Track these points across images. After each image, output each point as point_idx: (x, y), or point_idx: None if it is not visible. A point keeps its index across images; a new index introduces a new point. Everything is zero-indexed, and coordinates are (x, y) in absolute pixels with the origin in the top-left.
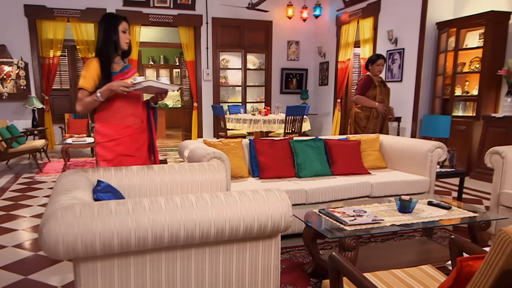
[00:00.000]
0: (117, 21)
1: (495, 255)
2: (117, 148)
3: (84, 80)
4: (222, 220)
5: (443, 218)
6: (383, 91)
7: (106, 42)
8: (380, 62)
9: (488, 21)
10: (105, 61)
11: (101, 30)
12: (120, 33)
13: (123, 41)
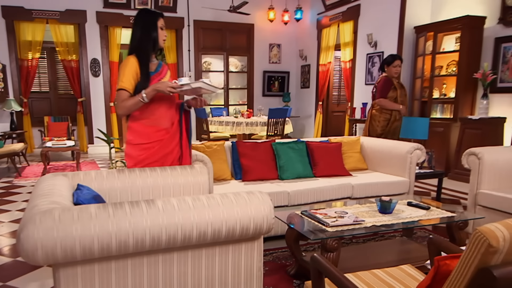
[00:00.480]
0: (156, 17)
1: (470, 254)
2: (146, 152)
3: (123, 80)
4: (204, 223)
5: (422, 218)
6: (402, 92)
7: (145, 39)
8: (397, 63)
9: (464, 25)
10: (144, 59)
11: (139, 27)
12: (158, 29)
13: (161, 38)
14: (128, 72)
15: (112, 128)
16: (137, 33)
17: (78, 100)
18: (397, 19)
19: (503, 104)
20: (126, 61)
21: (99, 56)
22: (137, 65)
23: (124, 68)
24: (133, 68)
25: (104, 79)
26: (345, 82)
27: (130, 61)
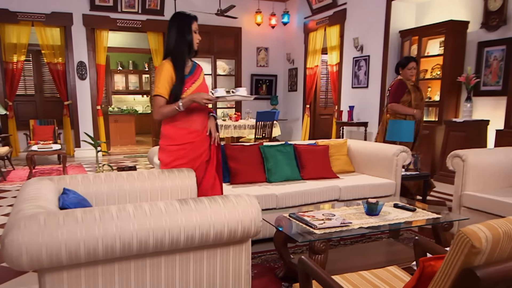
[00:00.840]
0: (190, 20)
1: (454, 254)
2: (177, 153)
3: (159, 86)
4: (192, 227)
5: (408, 220)
6: (418, 96)
7: (180, 42)
8: (412, 65)
9: (447, 29)
10: (179, 63)
11: (174, 30)
12: (193, 32)
13: (195, 41)
14: (163, 78)
15: (99, 131)
16: (172, 37)
17: (65, 103)
18: (382, 23)
19: (486, 107)
20: (162, 66)
21: (85, 59)
22: (172, 70)
23: (160, 74)
24: (168, 73)
25: (91, 82)
26: (332, 85)
27: (165, 67)
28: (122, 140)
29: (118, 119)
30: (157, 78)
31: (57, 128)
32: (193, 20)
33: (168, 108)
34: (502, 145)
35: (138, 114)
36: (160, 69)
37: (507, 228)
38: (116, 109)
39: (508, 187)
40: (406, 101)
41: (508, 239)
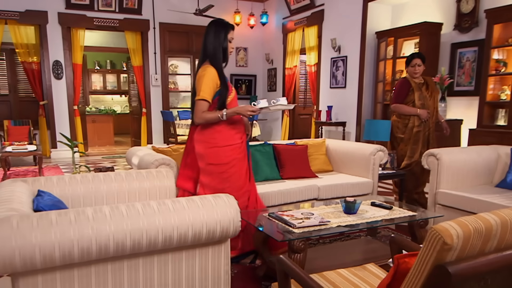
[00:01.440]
0: (228, 29)
1: (427, 251)
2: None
3: (205, 91)
4: (170, 228)
5: (385, 218)
6: (423, 95)
7: (218, 49)
8: (415, 62)
9: (422, 31)
10: (220, 69)
11: (212, 35)
12: (228, 41)
13: (230, 51)
14: (209, 82)
15: (76, 132)
16: (210, 42)
17: (40, 103)
18: (359, 24)
19: (460, 107)
20: (206, 71)
21: (61, 58)
22: (217, 75)
23: (206, 78)
24: (214, 79)
25: (67, 81)
26: (311, 85)
27: (212, 72)
28: (100, 140)
29: (95, 119)
30: (202, 82)
31: (32, 128)
32: (230, 29)
33: (211, 115)
34: (475, 143)
35: (116, 114)
36: (206, 74)
37: (477, 225)
38: (93, 109)
39: (481, 184)
40: (410, 101)
41: (478, 236)
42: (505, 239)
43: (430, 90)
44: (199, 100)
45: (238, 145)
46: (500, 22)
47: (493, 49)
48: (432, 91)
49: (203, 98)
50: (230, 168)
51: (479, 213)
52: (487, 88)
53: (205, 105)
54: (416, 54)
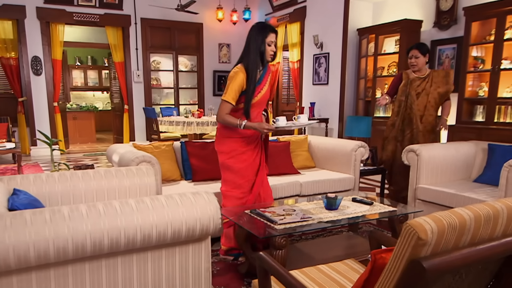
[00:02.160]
0: (266, 32)
1: (402, 247)
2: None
3: (230, 93)
4: (149, 226)
5: (365, 213)
6: (409, 90)
7: (254, 52)
8: (411, 54)
9: (402, 28)
10: (251, 72)
11: (251, 38)
12: (266, 45)
13: (268, 54)
14: (235, 86)
15: (57, 129)
16: (247, 44)
17: (19, 99)
18: (341, 21)
19: None
20: (235, 74)
21: (40, 54)
22: (244, 80)
23: (233, 83)
24: (240, 83)
25: (47, 77)
26: (294, 82)
27: (239, 76)
28: (81, 137)
29: (77, 116)
30: (229, 84)
31: (11, 126)
32: (269, 32)
33: (231, 120)
34: (454, 139)
35: (98, 111)
36: (234, 77)
37: (451, 220)
38: (74, 106)
39: (460, 179)
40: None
41: (452, 231)
42: (478, 233)
43: (432, 86)
44: (224, 101)
45: (243, 139)
46: (478, 19)
47: (471, 47)
48: (437, 87)
49: (227, 100)
50: (230, 158)
51: (454, 209)
52: (466, 85)
53: (228, 107)
54: (414, 45)
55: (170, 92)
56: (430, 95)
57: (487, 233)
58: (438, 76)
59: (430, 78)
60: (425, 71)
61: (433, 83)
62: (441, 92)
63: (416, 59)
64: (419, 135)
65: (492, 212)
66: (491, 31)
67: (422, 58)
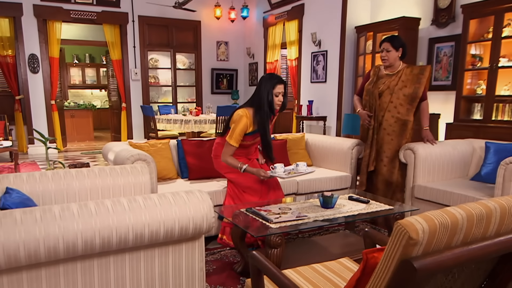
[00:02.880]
0: (274, 83)
1: (393, 246)
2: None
3: (234, 138)
4: (141, 225)
5: (361, 211)
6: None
7: (263, 101)
8: (383, 47)
9: (400, 26)
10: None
11: (260, 87)
12: (274, 95)
13: (276, 103)
14: (239, 130)
15: (54, 127)
16: (257, 91)
17: (16, 97)
18: (339, 19)
19: (437, 101)
20: (241, 119)
21: (37, 52)
22: (247, 124)
23: (239, 128)
24: (243, 128)
25: (44, 75)
26: (292, 80)
27: (243, 121)
28: (79, 136)
29: (74, 114)
30: (235, 127)
31: (8, 124)
32: (277, 83)
33: (233, 162)
34: (452, 137)
35: (95, 109)
36: (238, 121)
37: (443, 219)
38: (72, 104)
39: (457, 178)
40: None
41: (444, 230)
42: (471, 233)
43: (398, 84)
44: (229, 144)
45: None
46: (476, 17)
47: (469, 44)
48: (403, 86)
49: (232, 144)
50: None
51: (446, 208)
52: (464, 82)
53: (232, 150)
54: (387, 37)
55: (168, 90)
56: (394, 95)
57: (480, 232)
58: (410, 74)
59: (399, 76)
60: (397, 68)
61: (400, 81)
62: (407, 93)
63: (387, 53)
64: (383, 140)
65: (485, 211)
66: (489, 29)
67: (394, 52)
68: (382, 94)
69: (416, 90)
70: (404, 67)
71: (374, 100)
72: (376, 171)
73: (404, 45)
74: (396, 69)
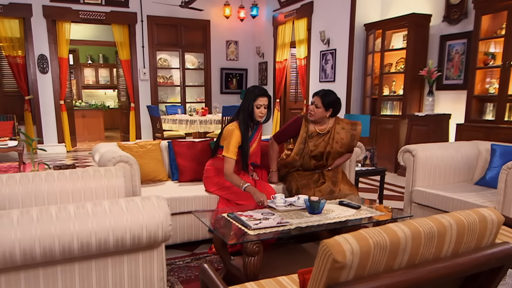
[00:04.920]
0: (255, 96)
1: (319, 269)
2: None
3: (231, 151)
4: (87, 233)
5: (350, 218)
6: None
7: (244, 112)
8: (312, 100)
9: (410, 23)
10: (244, 128)
11: (244, 100)
12: (255, 107)
13: (256, 115)
14: (234, 142)
15: (63, 126)
16: (242, 105)
17: (25, 98)
18: (348, 16)
19: (448, 101)
20: (232, 132)
21: (46, 52)
22: (239, 136)
23: (233, 140)
24: (237, 139)
25: (53, 76)
26: (301, 79)
27: (235, 134)
28: (90, 136)
29: (85, 114)
30: (229, 141)
31: (17, 124)
32: (259, 96)
33: (235, 180)
34: (462, 139)
35: (106, 109)
36: (231, 134)
37: (380, 238)
38: (83, 104)
39: (461, 182)
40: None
41: (381, 251)
42: (419, 253)
43: (336, 145)
44: (227, 158)
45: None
46: (488, 13)
47: (481, 41)
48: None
49: (230, 157)
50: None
51: (387, 224)
52: (475, 81)
53: (232, 163)
54: (320, 91)
55: (177, 89)
56: (330, 156)
57: (430, 252)
58: (342, 131)
59: (331, 136)
60: (325, 124)
61: (335, 142)
62: (342, 153)
63: (316, 109)
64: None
65: (437, 229)
66: (502, 25)
67: (323, 110)
68: (316, 156)
69: (350, 149)
70: (334, 123)
71: (309, 160)
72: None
73: (336, 104)
74: (325, 126)
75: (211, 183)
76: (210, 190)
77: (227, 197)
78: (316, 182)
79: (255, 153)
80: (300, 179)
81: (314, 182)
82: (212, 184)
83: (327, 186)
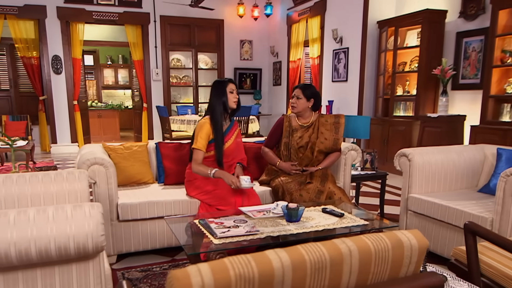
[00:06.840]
0: (224, 84)
1: None
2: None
3: (199, 141)
4: (6, 244)
5: (328, 227)
6: (291, 142)
7: (216, 104)
8: (294, 93)
9: (424, 19)
10: (216, 122)
11: (212, 93)
12: (228, 94)
13: (231, 101)
14: (203, 135)
15: (76, 126)
16: (211, 99)
17: (40, 98)
18: (360, 13)
19: (464, 101)
20: (202, 125)
21: (60, 53)
22: (210, 130)
23: (200, 131)
24: (207, 131)
25: (67, 76)
26: (314, 79)
27: (205, 127)
28: (105, 135)
29: (101, 114)
30: (197, 134)
31: (30, 123)
32: (228, 83)
33: (202, 169)
34: (477, 141)
35: (123, 109)
36: (200, 127)
37: (247, 268)
38: (99, 104)
39: (464, 189)
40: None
41: (247, 284)
42: (305, 285)
43: (319, 137)
44: (196, 149)
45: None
46: (506, 7)
47: (498, 38)
48: (324, 139)
49: (197, 147)
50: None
51: (262, 252)
52: (492, 80)
53: (201, 154)
54: (300, 84)
55: (190, 90)
56: (316, 148)
57: (323, 285)
58: (326, 123)
59: (315, 128)
60: (309, 118)
61: (320, 133)
62: (328, 146)
63: (297, 100)
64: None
65: (329, 256)
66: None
67: (305, 101)
68: (301, 151)
69: (336, 142)
70: (317, 117)
71: (295, 153)
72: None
73: (317, 96)
74: (308, 119)
75: (192, 187)
76: (191, 195)
77: (208, 202)
78: (303, 184)
79: (232, 152)
80: (287, 182)
81: (300, 184)
82: (193, 188)
83: (315, 186)
